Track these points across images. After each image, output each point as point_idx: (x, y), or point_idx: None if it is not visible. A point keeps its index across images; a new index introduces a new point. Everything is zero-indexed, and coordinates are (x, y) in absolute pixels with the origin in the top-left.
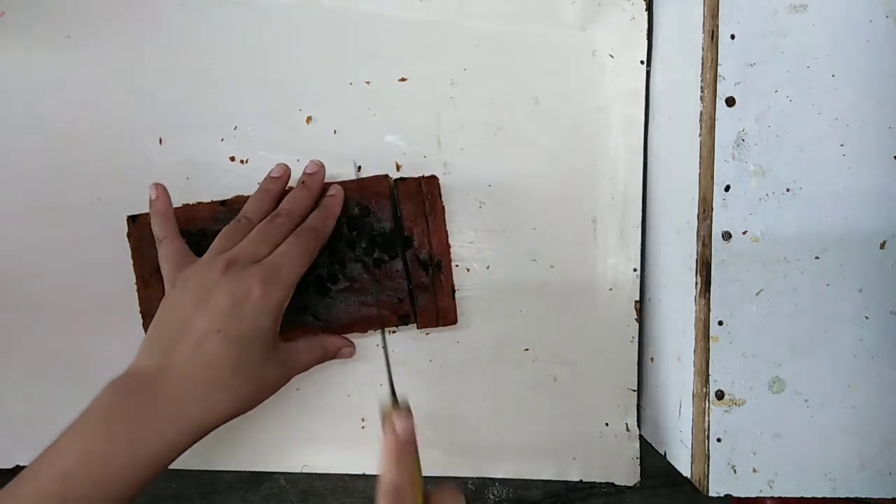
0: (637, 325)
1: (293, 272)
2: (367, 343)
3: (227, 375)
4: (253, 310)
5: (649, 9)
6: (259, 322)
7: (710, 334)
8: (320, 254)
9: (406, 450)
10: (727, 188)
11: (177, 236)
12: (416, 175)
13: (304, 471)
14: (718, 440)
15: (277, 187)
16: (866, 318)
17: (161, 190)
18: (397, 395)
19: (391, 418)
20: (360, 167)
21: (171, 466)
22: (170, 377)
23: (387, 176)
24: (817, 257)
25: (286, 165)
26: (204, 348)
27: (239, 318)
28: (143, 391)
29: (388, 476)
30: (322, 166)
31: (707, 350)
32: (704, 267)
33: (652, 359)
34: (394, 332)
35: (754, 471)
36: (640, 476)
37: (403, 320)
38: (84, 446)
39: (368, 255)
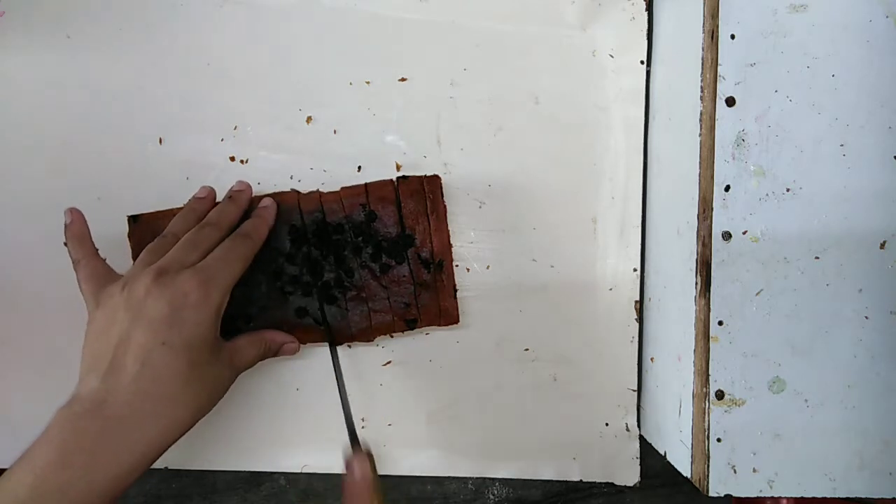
0: (637, 325)
1: (228, 275)
2: (368, 345)
3: (178, 388)
4: (193, 314)
5: (649, 9)
6: (201, 326)
7: (710, 334)
8: (326, 261)
9: (362, 490)
10: (727, 188)
11: (94, 256)
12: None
13: (304, 471)
14: (718, 440)
15: (203, 207)
16: (866, 318)
17: (76, 214)
18: (358, 437)
19: (351, 462)
20: (359, 167)
21: (170, 467)
22: (120, 400)
23: (392, 180)
24: (817, 257)
25: (211, 187)
26: (151, 364)
27: (180, 326)
28: (96, 417)
29: None
30: (249, 186)
31: (707, 350)
32: (704, 267)
33: (652, 359)
34: (392, 336)
35: (754, 471)
36: (640, 476)
37: (410, 325)
38: (38, 476)
39: (375, 261)
